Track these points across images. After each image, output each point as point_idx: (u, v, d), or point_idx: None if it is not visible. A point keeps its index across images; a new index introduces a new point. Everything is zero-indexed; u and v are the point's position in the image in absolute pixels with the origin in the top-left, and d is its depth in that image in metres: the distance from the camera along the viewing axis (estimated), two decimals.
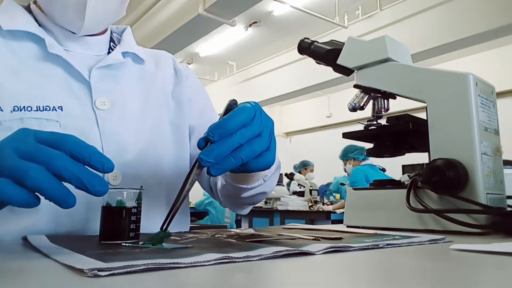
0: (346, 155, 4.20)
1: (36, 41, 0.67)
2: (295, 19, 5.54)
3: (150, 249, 0.41)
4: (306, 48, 0.91)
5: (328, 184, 5.31)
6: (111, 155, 0.64)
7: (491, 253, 0.41)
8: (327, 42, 0.90)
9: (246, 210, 0.83)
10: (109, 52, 0.74)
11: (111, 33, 0.79)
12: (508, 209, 0.71)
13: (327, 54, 0.88)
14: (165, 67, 0.83)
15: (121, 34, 0.81)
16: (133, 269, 0.30)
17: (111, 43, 0.76)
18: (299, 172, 5.24)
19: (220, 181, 0.73)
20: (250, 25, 5.88)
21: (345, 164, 4.26)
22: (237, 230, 0.65)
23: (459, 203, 0.66)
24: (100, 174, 0.42)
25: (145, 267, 0.30)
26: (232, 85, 7.56)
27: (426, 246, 0.49)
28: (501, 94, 5.46)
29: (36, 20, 0.69)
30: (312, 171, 5.22)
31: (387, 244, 0.47)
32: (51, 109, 0.63)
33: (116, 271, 0.29)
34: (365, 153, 0.90)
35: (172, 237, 0.54)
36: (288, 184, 5.18)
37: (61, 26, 0.70)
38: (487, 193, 0.67)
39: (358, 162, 4.11)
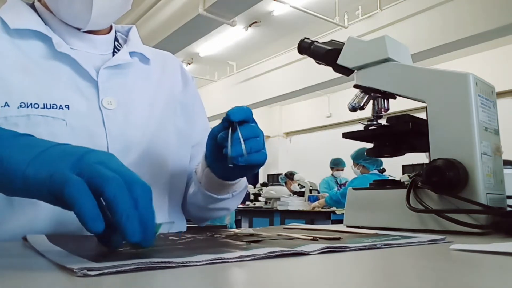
0: (358, 159, 4.05)
1: (43, 39, 0.67)
2: (295, 19, 5.54)
3: (146, 250, 0.41)
4: (306, 48, 0.91)
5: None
6: (115, 154, 0.64)
7: (491, 253, 0.41)
8: (327, 42, 0.90)
9: (204, 223, 0.86)
10: (114, 52, 0.74)
11: (116, 32, 0.78)
12: (508, 209, 0.71)
13: (327, 54, 0.87)
14: (173, 71, 0.83)
15: (126, 33, 0.81)
16: (123, 268, 0.30)
17: (116, 43, 0.76)
18: (285, 183, 5.24)
19: (192, 188, 0.76)
20: (250, 25, 5.88)
21: (354, 166, 4.14)
22: (236, 230, 0.65)
23: (459, 203, 0.66)
24: None
25: (136, 266, 0.30)
26: (232, 85, 7.56)
27: (426, 246, 0.49)
28: (501, 94, 5.46)
29: (41, 19, 0.69)
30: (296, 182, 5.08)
31: (385, 244, 0.46)
32: (58, 107, 0.62)
33: (106, 271, 0.29)
34: (366, 153, 0.89)
35: (170, 237, 0.54)
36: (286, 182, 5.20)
37: (66, 23, 0.69)
38: (487, 193, 0.67)
39: (366, 170, 3.99)
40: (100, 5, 0.65)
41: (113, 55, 0.73)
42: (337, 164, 5.22)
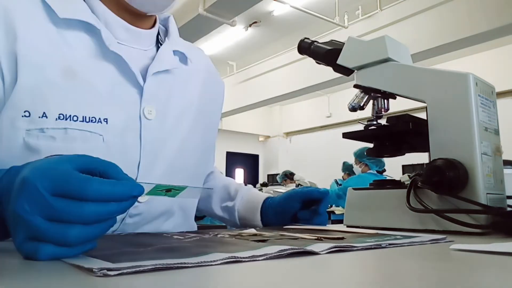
0: (362, 158, 4.01)
1: (91, 33, 0.62)
2: (295, 19, 5.54)
3: (155, 248, 0.41)
4: (306, 48, 0.91)
5: None
6: (145, 169, 0.63)
7: (491, 253, 0.41)
8: (327, 42, 0.90)
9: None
10: (157, 47, 0.72)
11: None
12: (508, 209, 0.71)
13: (327, 54, 0.88)
14: (207, 75, 0.82)
15: (164, 23, 0.78)
16: (141, 268, 0.30)
17: (158, 36, 0.74)
18: (284, 181, 5.25)
19: (221, 211, 0.87)
20: (250, 25, 5.89)
21: (356, 164, 4.11)
22: (239, 230, 0.65)
23: (459, 203, 0.66)
24: None
25: (153, 267, 0.30)
26: (232, 85, 7.56)
27: (427, 246, 0.49)
28: (501, 94, 5.47)
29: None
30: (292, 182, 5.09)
31: (389, 244, 0.47)
32: (97, 121, 0.58)
33: (125, 271, 0.29)
34: (366, 153, 0.89)
35: (175, 237, 0.54)
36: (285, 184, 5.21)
37: (115, 13, 0.65)
38: (487, 193, 0.67)
39: (367, 168, 3.98)
40: None
41: (157, 50, 0.71)
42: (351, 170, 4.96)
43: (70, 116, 0.56)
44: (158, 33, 0.74)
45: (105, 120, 0.59)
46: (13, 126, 0.54)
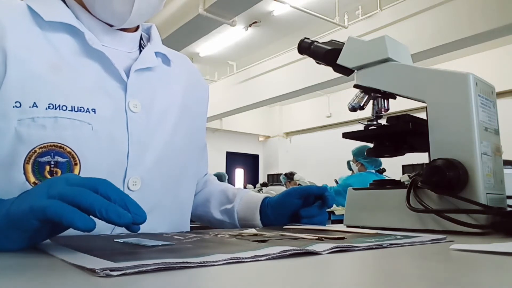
0: (358, 156, 4.03)
1: (74, 34, 0.64)
2: (295, 19, 5.54)
3: (157, 249, 0.41)
4: (306, 48, 0.91)
5: None
6: (134, 159, 0.65)
7: (491, 253, 0.41)
8: (327, 42, 0.90)
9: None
10: (140, 49, 0.74)
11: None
12: (508, 209, 0.71)
13: (327, 54, 0.88)
14: (189, 76, 0.83)
15: (146, 31, 0.80)
16: (144, 268, 0.30)
17: (141, 41, 0.76)
18: (285, 184, 5.24)
19: (220, 214, 0.86)
20: (250, 25, 5.89)
21: (353, 162, 4.13)
22: (239, 230, 0.65)
23: (459, 203, 0.66)
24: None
25: (156, 266, 0.30)
26: (232, 85, 7.57)
27: (427, 246, 0.49)
28: (501, 94, 5.47)
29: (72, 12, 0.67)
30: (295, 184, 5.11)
31: (390, 244, 0.47)
32: (85, 111, 0.60)
33: (127, 271, 0.29)
34: (366, 153, 0.89)
35: (176, 237, 0.54)
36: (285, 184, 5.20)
37: (99, 19, 0.68)
38: (487, 193, 0.67)
39: (364, 169, 3.99)
40: (139, 5, 0.65)
41: (139, 52, 0.73)
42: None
43: (59, 105, 0.59)
44: (141, 39, 0.76)
45: (93, 110, 0.62)
46: (5, 117, 0.57)
